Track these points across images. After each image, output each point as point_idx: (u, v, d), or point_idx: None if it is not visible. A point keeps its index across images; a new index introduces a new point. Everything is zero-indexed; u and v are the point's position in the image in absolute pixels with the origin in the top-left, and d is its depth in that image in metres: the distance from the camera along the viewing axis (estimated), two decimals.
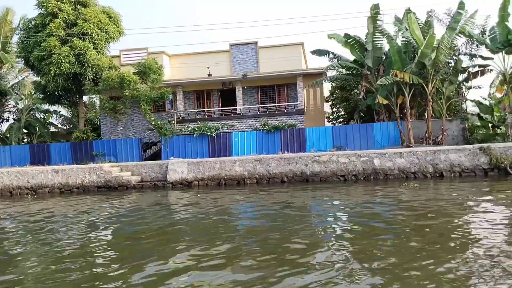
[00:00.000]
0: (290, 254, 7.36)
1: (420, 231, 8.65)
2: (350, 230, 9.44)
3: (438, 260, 6.53)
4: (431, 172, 18.36)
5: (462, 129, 21.42)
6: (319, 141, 22.83)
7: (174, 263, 7.17)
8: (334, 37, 22.61)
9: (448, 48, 19.32)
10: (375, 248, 7.45)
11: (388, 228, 9.12)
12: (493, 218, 9.45)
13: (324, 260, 6.87)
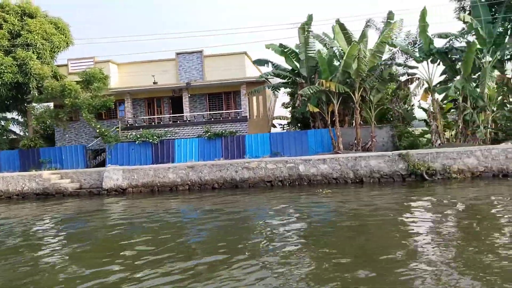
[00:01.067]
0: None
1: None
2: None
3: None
4: (352, 178, 19.01)
5: (392, 136, 22.13)
6: (257, 147, 23.40)
7: None
8: (271, 47, 23.27)
9: (370, 57, 20.06)
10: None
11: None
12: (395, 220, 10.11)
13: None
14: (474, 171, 18.03)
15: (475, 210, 11.74)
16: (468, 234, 9.07)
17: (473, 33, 19.31)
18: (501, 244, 7.90)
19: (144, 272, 7.32)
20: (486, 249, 7.58)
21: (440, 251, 7.68)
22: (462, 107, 19.75)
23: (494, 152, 18.01)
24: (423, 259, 7.29)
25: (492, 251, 7.41)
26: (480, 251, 7.48)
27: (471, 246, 7.84)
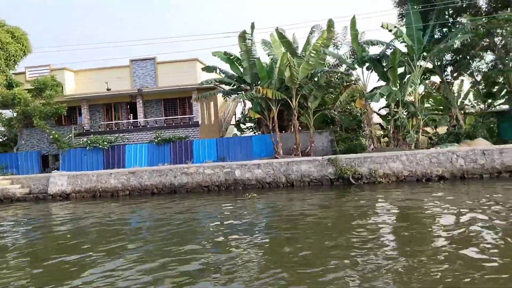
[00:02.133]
0: None
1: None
2: None
3: None
4: (284, 182, 19.49)
5: (331, 141, 22.63)
6: (204, 152, 23.92)
7: None
8: (217, 54, 23.78)
9: (304, 65, 20.55)
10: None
11: None
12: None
13: None
14: (399, 175, 18.50)
15: (394, 213, 12.10)
16: (393, 238, 9.26)
17: (400, 41, 19.82)
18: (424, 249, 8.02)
19: None
20: (406, 252, 7.85)
21: (362, 255, 7.78)
22: (393, 113, 20.25)
23: (418, 157, 18.50)
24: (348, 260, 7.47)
25: (414, 255, 7.58)
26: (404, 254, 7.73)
27: (401, 250, 8.09)
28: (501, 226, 9.30)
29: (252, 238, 9.82)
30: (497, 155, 17.87)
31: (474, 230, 9.03)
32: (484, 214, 10.52)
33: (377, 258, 7.50)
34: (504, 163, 17.73)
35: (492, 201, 12.34)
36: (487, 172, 17.83)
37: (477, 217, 10.30)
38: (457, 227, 9.57)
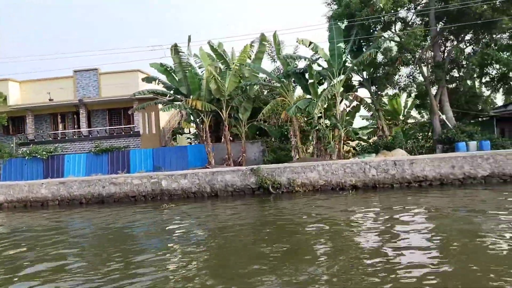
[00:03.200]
0: None
1: None
2: None
3: None
4: (208, 192, 19.91)
5: (262, 151, 23.20)
6: (141, 162, 24.26)
7: None
8: (153, 66, 24.22)
9: (231, 77, 21.12)
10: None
11: None
12: None
13: None
14: (315, 184, 19.06)
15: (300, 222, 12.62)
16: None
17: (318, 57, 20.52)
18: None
19: None
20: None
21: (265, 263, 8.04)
22: (315, 124, 20.89)
23: (334, 167, 19.11)
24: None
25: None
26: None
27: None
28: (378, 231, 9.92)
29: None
30: (407, 166, 18.56)
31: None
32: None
33: (295, 260, 7.97)
34: (413, 174, 18.43)
35: (385, 210, 13.03)
36: (398, 182, 18.52)
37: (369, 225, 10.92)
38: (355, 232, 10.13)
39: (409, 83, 23.05)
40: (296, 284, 6.78)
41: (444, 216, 11.55)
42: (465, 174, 18.05)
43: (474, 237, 8.86)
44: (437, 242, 8.99)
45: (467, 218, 11.25)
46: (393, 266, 7.37)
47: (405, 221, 11.32)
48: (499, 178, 17.78)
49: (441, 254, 8.00)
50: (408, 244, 8.81)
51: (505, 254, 7.67)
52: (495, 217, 10.92)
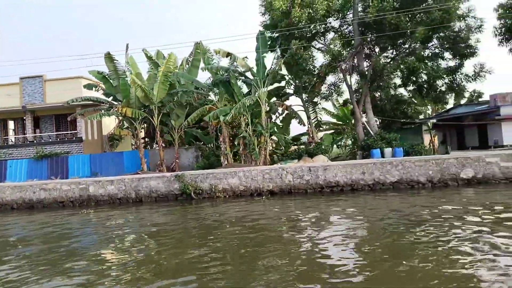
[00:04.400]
0: None
1: None
2: None
3: None
4: (134, 198, 20.37)
5: (196, 157, 23.72)
6: (79, 168, 24.67)
7: None
8: (92, 73, 24.66)
9: (160, 85, 21.59)
10: None
11: None
12: None
13: None
14: (236, 190, 19.62)
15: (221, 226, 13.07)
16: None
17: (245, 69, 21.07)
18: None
19: None
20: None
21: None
22: (241, 131, 21.45)
23: (253, 173, 19.66)
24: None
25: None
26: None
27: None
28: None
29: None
30: (321, 172, 19.18)
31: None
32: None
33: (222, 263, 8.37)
34: (326, 179, 19.06)
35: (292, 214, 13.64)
36: (312, 187, 19.13)
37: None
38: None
39: (332, 92, 23.73)
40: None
41: (353, 219, 12.26)
42: (374, 180, 18.71)
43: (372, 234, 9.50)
44: (340, 242, 9.52)
45: (371, 220, 11.92)
46: (307, 263, 7.97)
47: (319, 222, 12.11)
48: (407, 184, 18.45)
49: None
50: (325, 241, 9.55)
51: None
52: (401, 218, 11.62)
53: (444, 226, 10.19)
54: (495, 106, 23.57)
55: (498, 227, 9.92)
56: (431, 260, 7.49)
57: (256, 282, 7.10)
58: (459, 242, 8.55)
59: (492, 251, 7.82)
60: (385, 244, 9.04)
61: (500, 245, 8.18)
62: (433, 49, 22.55)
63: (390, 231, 10.23)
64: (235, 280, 7.35)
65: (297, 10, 19.76)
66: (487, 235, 8.99)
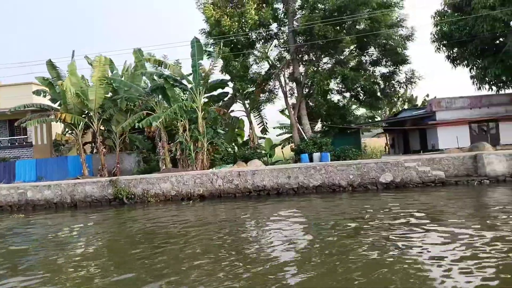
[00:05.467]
0: None
1: None
2: None
3: None
4: (69, 202, 20.74)
5: (137, 162, 24.14)
6: (25, 172, 24.99)
7: None
8: (38, 79, 25.00)
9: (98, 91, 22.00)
10: None
11: None
12: None
13: None
14: (167, 195, 20.06)
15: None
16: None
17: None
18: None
19: None
20: None
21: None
22: (178, 136, 21.92)
23: (185, 178, 20.12)
24: None
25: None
26: None
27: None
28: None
29: None
30: (250, 176, 19.68)
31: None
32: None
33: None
34: (254, 183, 19.57)
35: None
36: (240, 191, 19.62)
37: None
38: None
39: (270, 98, 24.28)
40: None
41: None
42: (299, 184, 19.25)
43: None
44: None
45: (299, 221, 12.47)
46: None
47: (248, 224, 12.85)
48: (329, 187, 19.02)
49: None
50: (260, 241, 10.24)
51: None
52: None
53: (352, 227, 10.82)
54: (431, 111, 24.23)
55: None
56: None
57: None
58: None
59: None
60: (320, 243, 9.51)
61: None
62: (368, 57, 23.17)
63: (321, 233, 10.73)
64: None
65: (227, 20, 20.31)
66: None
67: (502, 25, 19.68)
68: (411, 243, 8.80)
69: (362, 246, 8.88)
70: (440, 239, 8.98)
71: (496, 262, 7.19)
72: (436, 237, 9.20)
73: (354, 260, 7.90)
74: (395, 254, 8.17)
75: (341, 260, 8.00)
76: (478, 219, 11.10)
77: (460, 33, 21.75)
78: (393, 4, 21.79)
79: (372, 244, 8.98)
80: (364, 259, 7.91)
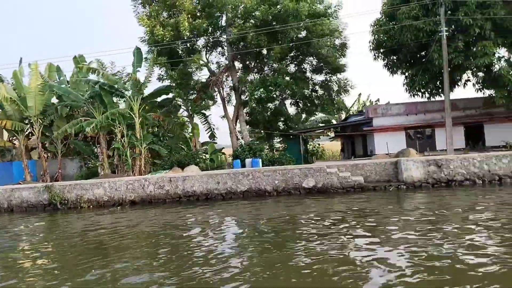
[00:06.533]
0: None
1: None
2: None
3: None
4: (6, 207, 21.01)
5: (80, 167, 24.50)
6: None
7: None
8: None
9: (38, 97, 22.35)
10: None
11: None
12: None
13: None
14: (100, 200, 20.42)
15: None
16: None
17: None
18: None
19: None
20: None
21: None
22: (114, 143, 22.32)
23: (118, 184, 20.47)
24: None
25: None
26: None
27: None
28: None
29: None
30: (180, 182, 20.12)
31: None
32: None
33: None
34: (184, 189, 20.01)
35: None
36: (171, 197, 20.05)
37: None
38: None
39: (206, 104, 24.78)
40: None
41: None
42: (227, 189, 19.73)
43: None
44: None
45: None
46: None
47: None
48: (255, 192, 19.51)
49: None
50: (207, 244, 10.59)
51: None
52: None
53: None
54: (368, 117, 24.87)
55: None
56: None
57: None
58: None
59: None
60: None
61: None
62: (308, 65, 23.78)
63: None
64: None
65: (159, 30, 20.81)
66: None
67: (425, 35, 20.35)
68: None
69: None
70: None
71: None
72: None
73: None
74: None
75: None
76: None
77: (392, 42, 22.40)
78: (328, 15, 22.38)
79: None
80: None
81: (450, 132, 20.63)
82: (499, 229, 9.84)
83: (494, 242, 8.79)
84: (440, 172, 18.50)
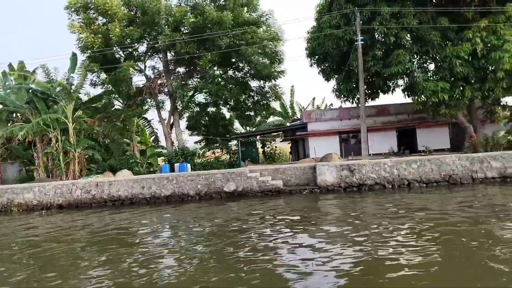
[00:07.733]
0: None
1: None
2: None
3: None
4: None
5: (19, 171, 24.87)
6: None
7: None
8: None
9: None
10: None
11: None
12: None
13: None
14: (30, 204, 20.80)
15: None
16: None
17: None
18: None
19: None
20: None
21: None
22: (44, 148, 22.73)
23: (47, 188, 20.88)
24: None
25: None
26: None
27: None
28: None
29: None
30: (106, 187, 20.58)
31: None
32: None
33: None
34: (110, 194, 20.46)
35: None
36: (97, 201, 20.50)
37: None
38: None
39: (141, 110, 25.31)
40: None
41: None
42: (152, 194, 20.24)
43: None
44: None
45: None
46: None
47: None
48: (178, 197, 20.03)
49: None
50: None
51: None
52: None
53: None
54: (303, 122, 25.52)
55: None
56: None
57: None
58: None
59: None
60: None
61: None
62: (241, 72, 24.38)
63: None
64: None
65: (89, 36, 21.27)
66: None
67: (346, 44, 21.01)
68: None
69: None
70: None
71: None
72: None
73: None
74: None
75: None
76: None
77: (321, 50, 23.04)
78: (260, 23, 22.97)
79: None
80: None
81: (365, 137, 21.39)
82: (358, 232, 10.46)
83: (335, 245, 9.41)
84: (352, 177, 19.18)
